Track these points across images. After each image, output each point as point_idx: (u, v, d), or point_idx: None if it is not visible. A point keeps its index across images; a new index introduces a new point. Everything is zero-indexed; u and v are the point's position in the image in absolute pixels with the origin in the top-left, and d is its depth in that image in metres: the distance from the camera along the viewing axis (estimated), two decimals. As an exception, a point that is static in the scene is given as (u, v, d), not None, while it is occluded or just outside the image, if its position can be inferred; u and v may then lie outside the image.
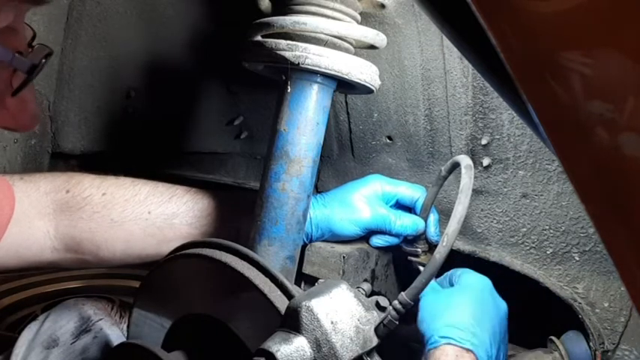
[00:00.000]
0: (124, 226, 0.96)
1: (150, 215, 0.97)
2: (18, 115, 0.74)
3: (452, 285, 0.92)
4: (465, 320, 0.82)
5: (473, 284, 0.89)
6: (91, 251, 0.97)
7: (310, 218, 0.97)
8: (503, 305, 0.88)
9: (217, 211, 0.99)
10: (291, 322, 0.69)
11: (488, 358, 0.81)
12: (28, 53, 0.74)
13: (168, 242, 0.98)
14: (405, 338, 1.01)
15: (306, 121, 0.88)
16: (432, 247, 1.02)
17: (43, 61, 0.73)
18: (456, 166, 0.92)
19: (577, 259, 0.97)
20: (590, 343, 0.94)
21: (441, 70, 0.98)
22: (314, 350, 0.67)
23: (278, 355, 0.65)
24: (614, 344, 0.93)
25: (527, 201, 0.98)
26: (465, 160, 0.88)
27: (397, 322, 0.74)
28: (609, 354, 0.93)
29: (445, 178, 0.97)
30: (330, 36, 0.86)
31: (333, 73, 0.85)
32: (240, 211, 0.98)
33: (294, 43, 0.84)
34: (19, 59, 0.70)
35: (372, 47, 0.93)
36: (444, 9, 0.48)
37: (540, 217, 0.98)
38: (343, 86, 0.91)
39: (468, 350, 0.79)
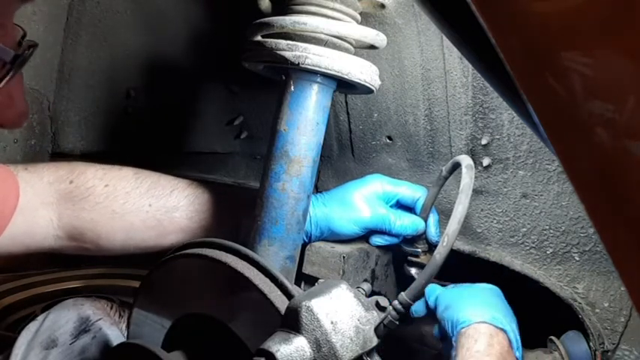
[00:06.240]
0: (124, 218, 0.97)
1: (150, 208, 0.97)
2: (4, 110, 0.74)
3: None
4: (493, 304, 0.86)
5: (489, 286, 0.93)
6: (92, 240, 0.98)
7: (310, 217, 0.97)
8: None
9: (217, 206, 0.99)
10: (291, 322, 0.69)
11: (517, 342, 0.84)
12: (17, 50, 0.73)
13: (167, 235, 0.99)
14: (406, 338, 1.01)
15: (306, 121, 0.88)
16: (432, 247, 1.02)
17: (27, 52, 0.72)
18: (457, 166, 0.92)
19: (577, 259, 0.97)
20: (590, 343, 0.94)
21: (441, 70, 0.98)
22: (314, 350, 0.67)
23: (278, 355, 0.65)
24: (614, 344, 0.93)
25: (527, 201, 0.98)
26: (465, 160, 0.88)
27: (397, 322, 0.74)
28: (609, 354, 0.93)
29: (446, 178, 0.97)
30: (330, 36, 0.86)
31: (333, 73, 0.85)
32: (240, 207, 0.99)
33: (294, 43, 0.84)
34: (2, 49, 0.70)
35: (372, 47, 0.93)
36: (444, 9, 0.48)
37: (540, 217, 0.98)
38: (343, 86, 0.91)
39: (501, 330, 0.82)
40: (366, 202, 0.99)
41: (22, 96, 0.76)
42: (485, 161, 1.00)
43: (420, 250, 1.02)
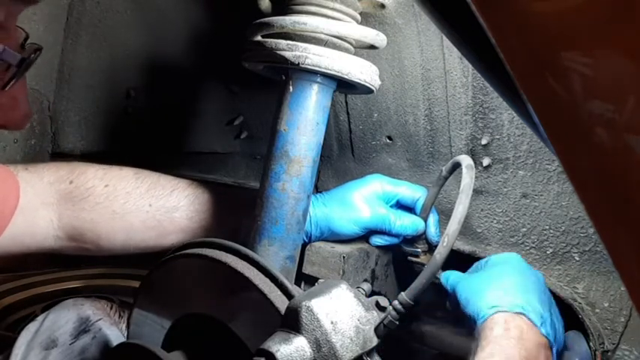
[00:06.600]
0: (124, 218, 0.97)
1: (151, 208, 0.97)
2: (8, 112, 0.75)
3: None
4: (509, 288, 0.84)
5: (506, 259, 0.91)
6: (92, 241, 0.98)
7: (310, 217, 0.97)
8: (539, 273, 0.91)
9: (217, 206, 1.00)
10: (291, 322, 0.69)
11: (542, 319, 0.82)
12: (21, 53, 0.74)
13: (168, 235, 0.99)
14: (406, 338, 1.01)
15: (306, 121, 0.88)
16: (432, 247, 1.02)
17: (33, 55, 0.73)
18: (457, 166, 0.92)
19: (577, 259, 0.97)
20: (590, 343, 0.94)
21: (441, 70, 0.98)
22: (314, 350, 0.67)
23: (278, 355, 0.65)
24: (614, 344, 0.93)
25: (527, 201, 0.98)
26: (466, 160, 0.88)
27: (397, 322, 0.74)
28: (609, 354, 0.93)
29: (446, 178, 0.97)
30: (330, 36, 0.86)
31: (333, 73, 0.85)
32: (240, 207, 0.99)
33: (294, 43, 0.84)
34: (8, 52, 0.71)
35: (372, 47, 0.93)
36: (443, 9, 0.48)
37: (540, 217, 0.98)
38: (343, 86, 0.91)
39: (518, 314, 0.81)
40: (366, 202, 0.99)
41: (25, 98, 0.77)
42: (485, 161, 1.00)
43: (420, 250, 1.02)
